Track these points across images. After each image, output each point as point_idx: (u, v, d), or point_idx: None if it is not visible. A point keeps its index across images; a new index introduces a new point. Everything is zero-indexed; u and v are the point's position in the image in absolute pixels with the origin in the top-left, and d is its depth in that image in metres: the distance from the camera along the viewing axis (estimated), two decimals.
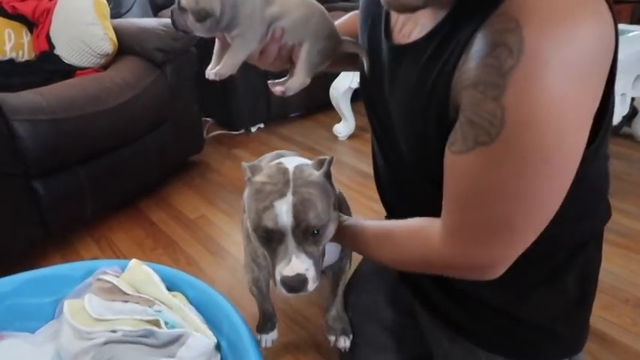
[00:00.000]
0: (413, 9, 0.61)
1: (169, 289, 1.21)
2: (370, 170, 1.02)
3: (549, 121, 0.52)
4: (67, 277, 1.25)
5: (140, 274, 1.23)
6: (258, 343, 1.09)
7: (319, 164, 0.86)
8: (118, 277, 1.23)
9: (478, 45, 0.55)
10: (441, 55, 0.61)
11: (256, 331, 1.24)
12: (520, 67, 0.51)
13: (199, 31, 0.78)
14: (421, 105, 0.65)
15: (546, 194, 0.58)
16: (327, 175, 0.86)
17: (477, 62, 0.55)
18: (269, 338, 1.24)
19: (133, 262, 1.26)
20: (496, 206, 0.59)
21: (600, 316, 1.28)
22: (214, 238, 1.69)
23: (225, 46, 0.83)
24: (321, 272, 0.87)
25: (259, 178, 0.86)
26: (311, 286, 0.81)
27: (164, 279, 1.22)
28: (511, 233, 0.61)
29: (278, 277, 0.81)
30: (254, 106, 2.53)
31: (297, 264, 0.79)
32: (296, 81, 0.84)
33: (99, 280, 1.22)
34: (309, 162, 0.89)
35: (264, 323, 1.23)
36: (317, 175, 0.84)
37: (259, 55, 0.82)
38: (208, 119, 2.63)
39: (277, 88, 0.85)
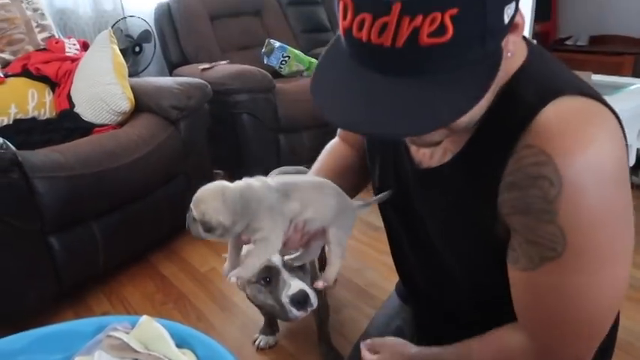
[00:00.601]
0: (436, 144, 0.67)
1: (179, 345, 1.20)
2: (380, 223, 1.06)
3: (605, 225, 0.59)
4: (77, 334, 1.25)
5: (150, 330, 1.23)
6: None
7: None
8: (128, 333, 1.23)
9: (516, 178, 0.61)
10: (474, 182, 0.66)
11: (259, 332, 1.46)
12: (564, 194, 0.57)
13: (212, 237, 0.76)
14: (462, 225, 0.70)
15: (616, 285, 0.63)
16: None
17: (522, 193, 0.60)
18: (265, 340, 1.44)
19: (144, 318, 1.25)
20: (573, 308, 0.64)
21: None
22: (224, 292, 1.69)
23: (238, 244, 0.80)
24: None
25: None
26: (313, 299, 1.02)
27: (174, 335, 1.21)
28: (590, 329, 0.66)
29: (287, 301, 1.03)
30: (264, 158, 2.58)
31: (296, 283, 1.03)
32: (333, 270, 0.81)
33: (109, 336, 1.22)
34: None
35: (266, 326, 1.46)
36: None
37: (282, 246, 0.79)
38: (219, 172, 2.68)
39: (318, 284, 0.80)
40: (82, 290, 1.71)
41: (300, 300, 1.03)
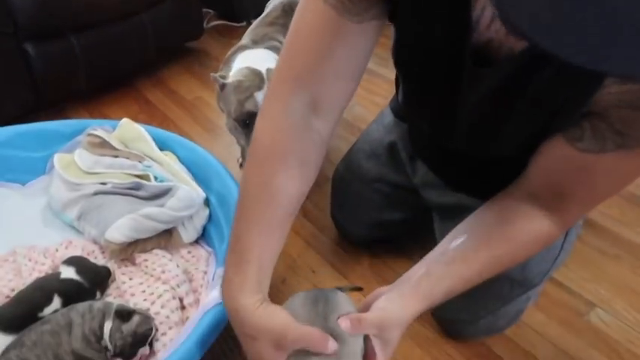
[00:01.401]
0: None
1: (160, 148, 1.19)
2: (373, 66, 1.02)
3: None
4: (58, 133, 1.23)
5: (131, 131, 1.21)
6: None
7: None
8: (109, 133, 1.22)
9: None
10: (565, 71, 0.52)
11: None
12: None
13: None
14: (537, 121, 0.60)
15: None
16: None
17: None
18: None
19: (125, 120, 1.23)
20: (614, 187, 0.62)
21: None
22: (210, 117, 1.65)
23: None
24: None
25: (234, 78, 1.07)
26: None
27: (155, 139, 1.20)
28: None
29: None
30: (256, 2, 2.41)
31: None
32: None
33: (89, 135, 1.20)
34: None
35: None
36: None
37: None
38: (210, 11, 2.51)
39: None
40: (63, 105, 1.67)
41: None
